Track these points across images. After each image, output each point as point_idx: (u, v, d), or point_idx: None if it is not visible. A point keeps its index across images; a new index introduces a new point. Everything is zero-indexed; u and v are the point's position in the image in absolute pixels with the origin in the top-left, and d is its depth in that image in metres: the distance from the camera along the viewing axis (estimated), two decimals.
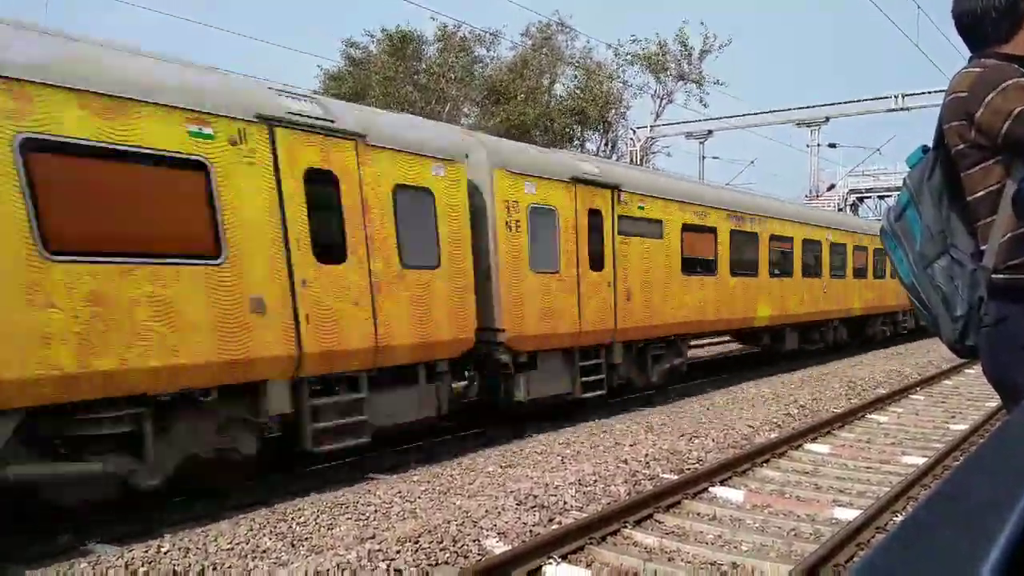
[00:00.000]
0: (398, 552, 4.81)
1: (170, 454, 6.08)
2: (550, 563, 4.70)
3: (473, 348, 8.45)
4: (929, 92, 24.15)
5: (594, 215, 10.18)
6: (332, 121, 7.03)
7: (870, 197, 40.35)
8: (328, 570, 4.54)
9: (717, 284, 13.03)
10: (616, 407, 11.23)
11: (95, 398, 5.44)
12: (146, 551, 5.07)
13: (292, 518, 5.75)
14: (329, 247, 6.87)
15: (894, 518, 5.52)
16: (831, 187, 34.42)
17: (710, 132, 31.00)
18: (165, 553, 5.05)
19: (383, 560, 4.69)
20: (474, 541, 5.06)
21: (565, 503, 5.93)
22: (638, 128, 31.57)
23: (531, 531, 5.30)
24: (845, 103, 28.02)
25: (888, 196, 36.97)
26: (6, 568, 5.02)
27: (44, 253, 5.13)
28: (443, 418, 8.52)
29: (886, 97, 26.18)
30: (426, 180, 7.86)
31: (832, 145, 31.43)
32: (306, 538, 5.30)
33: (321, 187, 6.85)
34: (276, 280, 6.43)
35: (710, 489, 6.40)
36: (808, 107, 28.89)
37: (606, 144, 33.10)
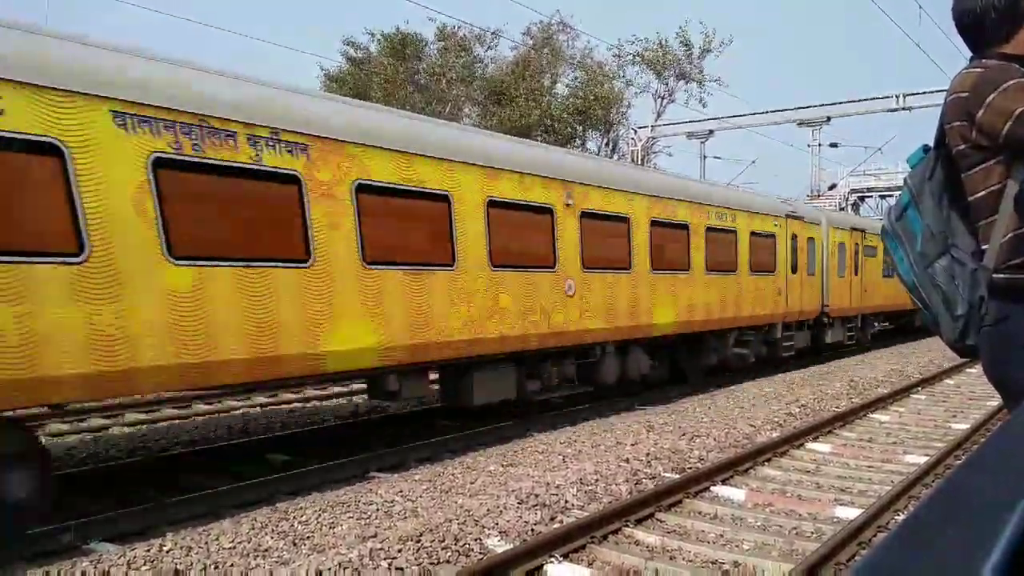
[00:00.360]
0: (399, 551, 4.81)
1: (751, 351, 14.55)
2: (551, 562, 4.70)
3: (818, 315, 17.14)
4: (930, 92, 24.14)
5: (856, 245, 18.95)
6: (794, 211, 16.00)
7: (871, 197, 40.28)
8: (330, 569, 4.54)
9: (893, 283, 20.70)
10: (619, 406, 11.25)
11: (749, 327, 14.35)
12: (148, 550, 5.07)
13: (294, 517, 5.75)
14: (795, 266, 15.60)
15: (895, 517, 5.53)
16: (832, 186, 34.40)
17: (711, 132, 30.97)
18: (167, 552, 5.05)
19: (385, 559, 4.70)
20: (476, 540, 5.07)
21: (567, 502, 5.94)
22: (639, 128, 31.55)
23: (532, 530, 5.30)
24: (846, 103, 28.00)
25: (889, 196, 36.91)
26: (8, 567, 5.03)
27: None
28: (812, 350, 17.47)
29: (887, 97, 26.17)
30: (811, 233, 16.68)
31: (833, 145, 31.44)
32: (308, 537, 5.30)
33: (795, 242, 15.68)
34: (783, 279, 15.08)
35: (712, 488, 6.40)
36: (809, 107, 28.86)
37: (607, 144, 33.09)
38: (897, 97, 25.83)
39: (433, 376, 9.32)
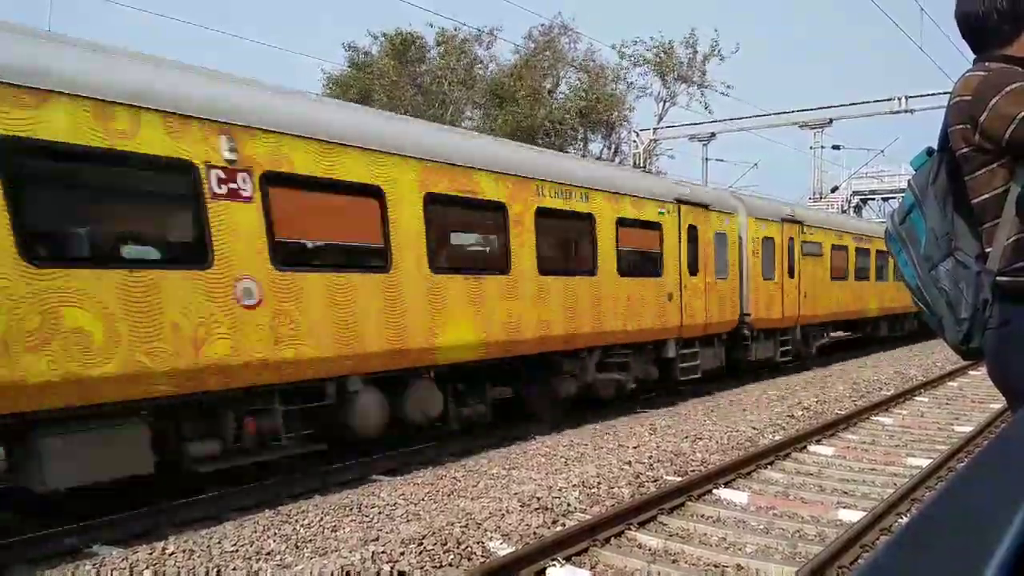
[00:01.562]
0: (402, 554, 4.81)
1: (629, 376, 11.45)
2: (554, 565, 4.70)
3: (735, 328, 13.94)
4: (932, 94, 24.10)
5: (789, 240, 15.66)
6: (691, 195, 12.51)
7: (873, 199, 40.31)
8: (332, 572, 4.54)
9: (847, 286, 19.40)
10: (621, 408, 11.23)
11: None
12: (150, 553, 5.08)
13: (296, 520, 5.75)
14: (694, 266, 12.39)
15: (899, 520, 5.51)
16: (835, 189, 34.36)
17: (713, 135, 30.91)
18: (169, 555, 5.05)
19: (387, 562, 4.70)
20: (478, 543, 5.06)
21: (569, 505, 5.93)
22: (641, 130, 31.52)
23: (535, 533, 5.30)
24: (849, 105, 27.92)
25: (892, 198, 36.93)
26: (12, 569, 5.04)
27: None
28: (726, 370, 14.53)
29: (890, 99, 26.11)
30: (721, 225, 13.13)
31: (836, 147, 31.37)
32: (310, 540, 5.30)
33: (692, 234, 12.34)
34: (674, 283, 11.96)
35: (714, 491, 6.39)
36: (812, 109, 28.79)
37: (608, 146, 33.08)
38: (899, 99, 25.76)
39: None
